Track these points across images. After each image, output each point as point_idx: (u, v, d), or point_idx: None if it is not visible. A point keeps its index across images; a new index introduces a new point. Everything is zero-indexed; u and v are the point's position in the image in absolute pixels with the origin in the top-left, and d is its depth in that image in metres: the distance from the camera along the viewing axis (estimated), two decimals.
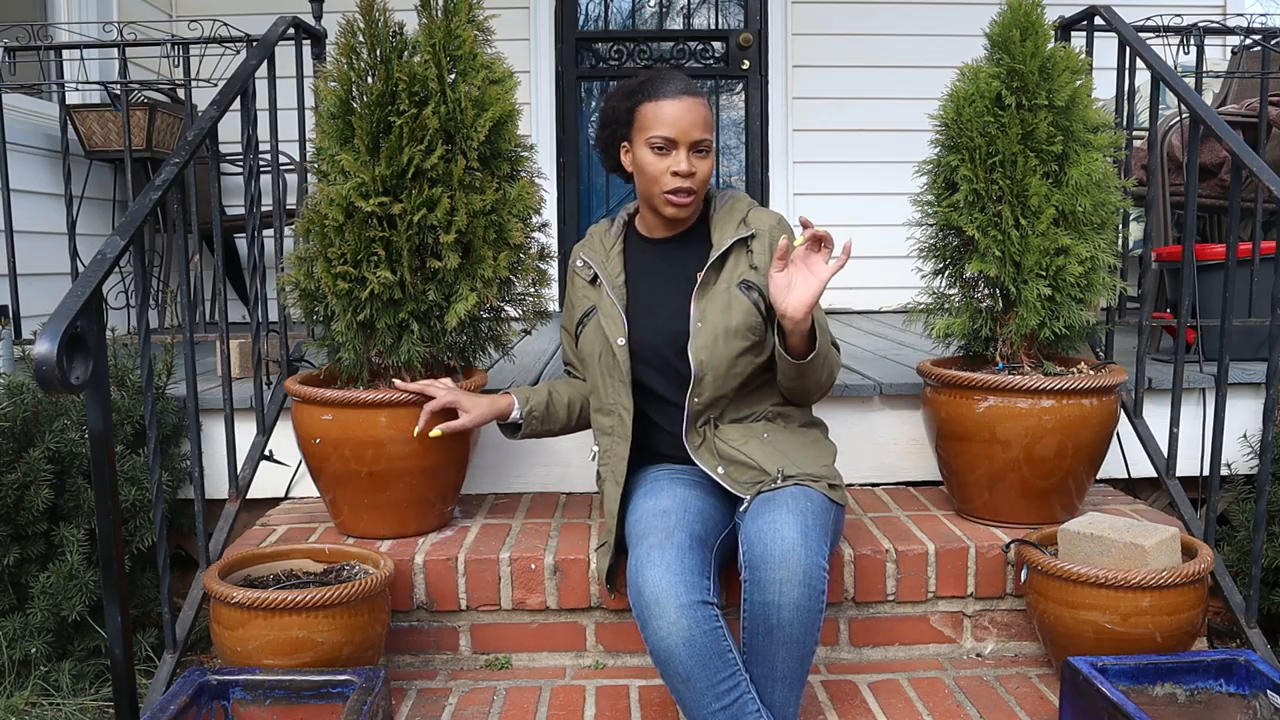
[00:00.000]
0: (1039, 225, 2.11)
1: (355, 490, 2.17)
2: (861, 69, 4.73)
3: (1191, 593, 1.90)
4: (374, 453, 2.12)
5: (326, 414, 2.13)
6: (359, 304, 2.11)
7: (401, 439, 2.11)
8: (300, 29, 2.56)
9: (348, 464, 2.13)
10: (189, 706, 1.69)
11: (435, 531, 2.27)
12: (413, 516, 2.22)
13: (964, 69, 2.22)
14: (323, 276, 2.10)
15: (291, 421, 2.23)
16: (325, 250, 2.09)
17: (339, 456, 2.13)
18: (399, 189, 2.07)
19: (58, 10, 3.83)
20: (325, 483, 2.21)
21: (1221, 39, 3.69)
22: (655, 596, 1.61)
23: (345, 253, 2.08)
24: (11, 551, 2.15)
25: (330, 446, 2.13)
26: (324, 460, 2.16)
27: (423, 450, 2.13)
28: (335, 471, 2.16)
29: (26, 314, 3.01)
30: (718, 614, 1.64)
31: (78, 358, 1.52)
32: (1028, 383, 2.12)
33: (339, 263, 2.09)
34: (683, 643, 1.59)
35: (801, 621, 1.63)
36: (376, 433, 2.11)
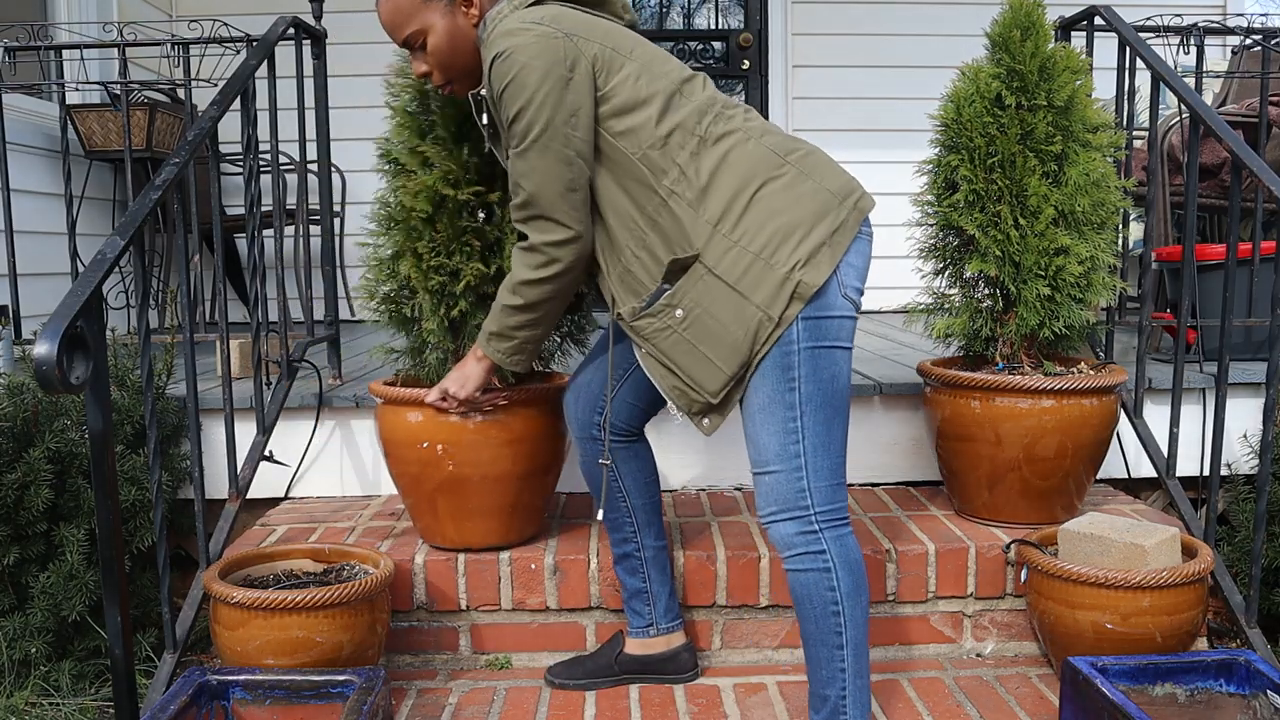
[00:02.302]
0: (1038, 225, 2.12)
1: (472, 497, 2.09)
2: (861, 69, 4.73)
3: (1191, 593, 1.90)
4: (502, 454, 2.06)
5: (453, 415, 2.03)
6: (452, 299, 2.04)
7: (534, 435, 2.08)
8: (300, 29, 2.56)
9: (468, 468, 2.05)
10: (189, 706, 1.69)
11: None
12: (516, 523, 2.17)
13: (964, 69, 2.22)
14: (412, 273, 2.02)
15: (380, 431, 2.13)
16: (414, 245, 2.02)
17: (460, 461, 2.05)
18: (491, 178, 2.02)
19: (58, 10, 3.83)
20: (425, 491, 2.11)
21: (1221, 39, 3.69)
22: None
23: (438, 246, 2.01)
24: (11, 551, 2.15)
25: (450, 450, 2.04)
26: (436, 466, 2.06)
27: (539, 450, 2.09)
28: (448, 478, 2.07)
29: (26, 314, 3.01)
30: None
31: (78, 358, 1.52)
32: (1028, 383, 2.12)
33: (431, 256, 2.01)
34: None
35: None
36: (520, 429, 2.06)
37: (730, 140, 1.61)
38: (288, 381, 2.54)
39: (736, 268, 1.56)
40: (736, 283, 1.56)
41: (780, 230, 1.56)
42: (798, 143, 1.66)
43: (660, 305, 1.63)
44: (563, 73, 1.57)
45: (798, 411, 1.57)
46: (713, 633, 2.16)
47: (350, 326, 4.42)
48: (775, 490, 1.60)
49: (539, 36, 1.57)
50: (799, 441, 1.58)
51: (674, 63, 1.68)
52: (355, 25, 4.42)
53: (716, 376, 1.61)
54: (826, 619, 1.61)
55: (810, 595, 1.62)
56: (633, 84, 1.61)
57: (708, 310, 1.59)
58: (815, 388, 1.57)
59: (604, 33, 1.64)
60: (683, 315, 1.61)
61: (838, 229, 1.58)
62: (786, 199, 1.58)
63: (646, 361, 1.71)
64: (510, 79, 1.57)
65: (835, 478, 1.61)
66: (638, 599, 2.02)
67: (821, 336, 1.57)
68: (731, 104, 1.67)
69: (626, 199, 1.63)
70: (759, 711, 1.94)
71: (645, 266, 1.64)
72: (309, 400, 2.55)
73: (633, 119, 1.60)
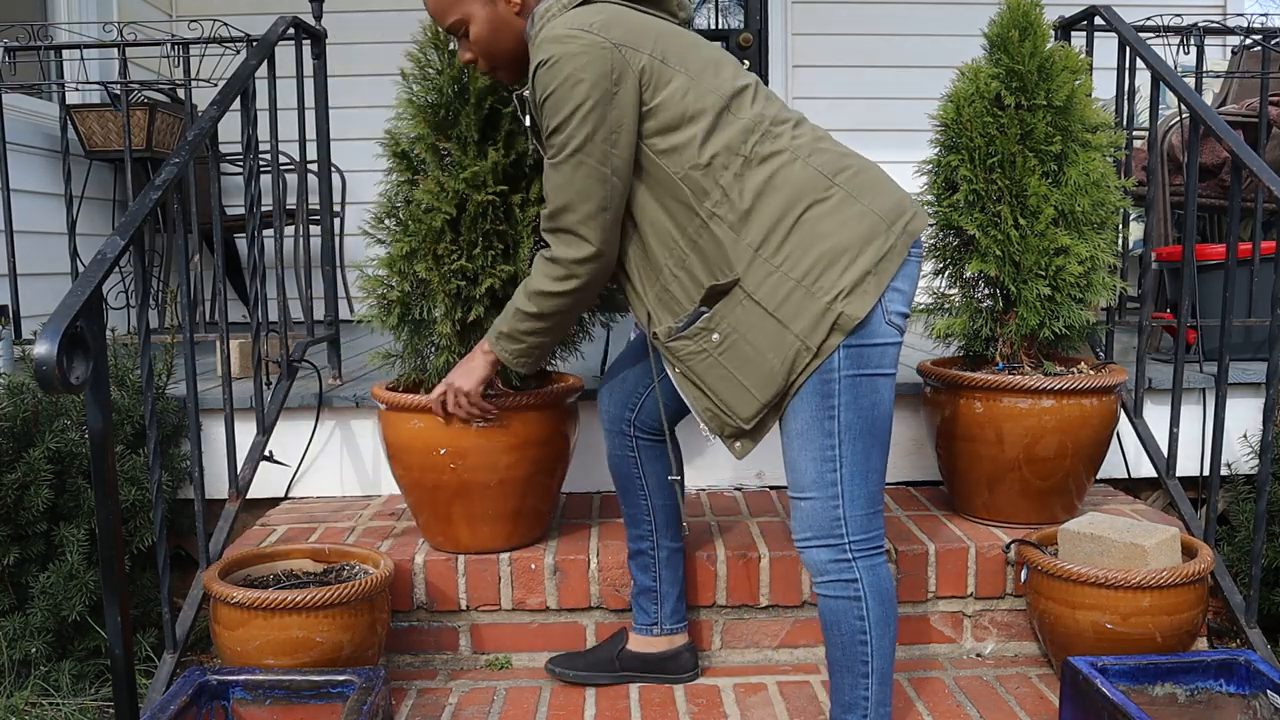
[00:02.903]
0: (1038, 225, 2.12)
1: (480, 501, 2.07)
2: (861, 69, 4.73)
3: (1191, 593, 1.90)
4: (511, 458, 2.04)
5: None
6: (469, 303, 2.01)
7: (541, 439, 2.06)
8: (300, 29, 2.56)
9: (480, 473, 2.03)
10: (189, 706, 1.69)
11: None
12: (521, 527, 2.15)
13: (963, 69, 2.22)
14: (430, 275, 1.98)
15: (384, 436, 2.10)
16: (434, 247, 1.98)
17: (467, 467, 2.02)
18: (514, 177, 1.99)
19: (58, 10, 3.83)
20: (441, 497, 2.07)
21: (1221, 39, 3.69)
22: None
23: (460, 249, 1.97)
24: (11, 551, 2.15)
25: (462, 457, 2.02)
26: (443, 472, 2.03)
27: (545, 454, 2.07)
28: (456, 484, 2.05)
29: (26, 314, 3.01)
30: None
31: (78, 358, 1.52)
32: (1028, 383, 2.12)
33: (451, 259, 1.97)
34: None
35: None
36: (527, 434, 2.04)
37: (776, 161, 1.55)
38: (288, 381, 2.54)
39: (777, 294, 1.52)
40: (776, 310, 1.53)
41: (824, 256, 1.51)
42: (849, 159, 1.60)
43: (697, 329, 1.60)
44: (608, 87, 1.52)
45: (836, 439, 1.54)
46: (713, 633, 2.16)
47: (350, 326, 4.42)
48: (811, 517, 1.58)
49: (586, 46, 1.51)
50: (836, 470, 1.55)
51: (727, 71, 1.61)
52: (355, 25, 4.42)
53: (750, 403, 1.58)
54: (854, 647, 1.60)
55: (839, 622, 1.60)
56: (680, 100, 1.55)
57: (745, 336, 1.56)
58: (855, 416, 1.54)
59: (655, 39, 1.57)
60: (719, 340, 1.58)
61: (884, 256, 1.53)
62: (832, 223, 1.53)
63: (680, 381, 1.67)
64: (553, 89, 1.53)
65: (872, 506, 1.58)
66: (646, 596, 2.02)
67: (863, 364, 1.53)
68: (781, 118, 1.60)
69: (667, 218, 1.59)
70: (759, 711, 1.94)
71: (684, 287, 1.60)
72: (309, 400, 2.55)
73: (677, 137, 1.55)
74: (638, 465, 1.94)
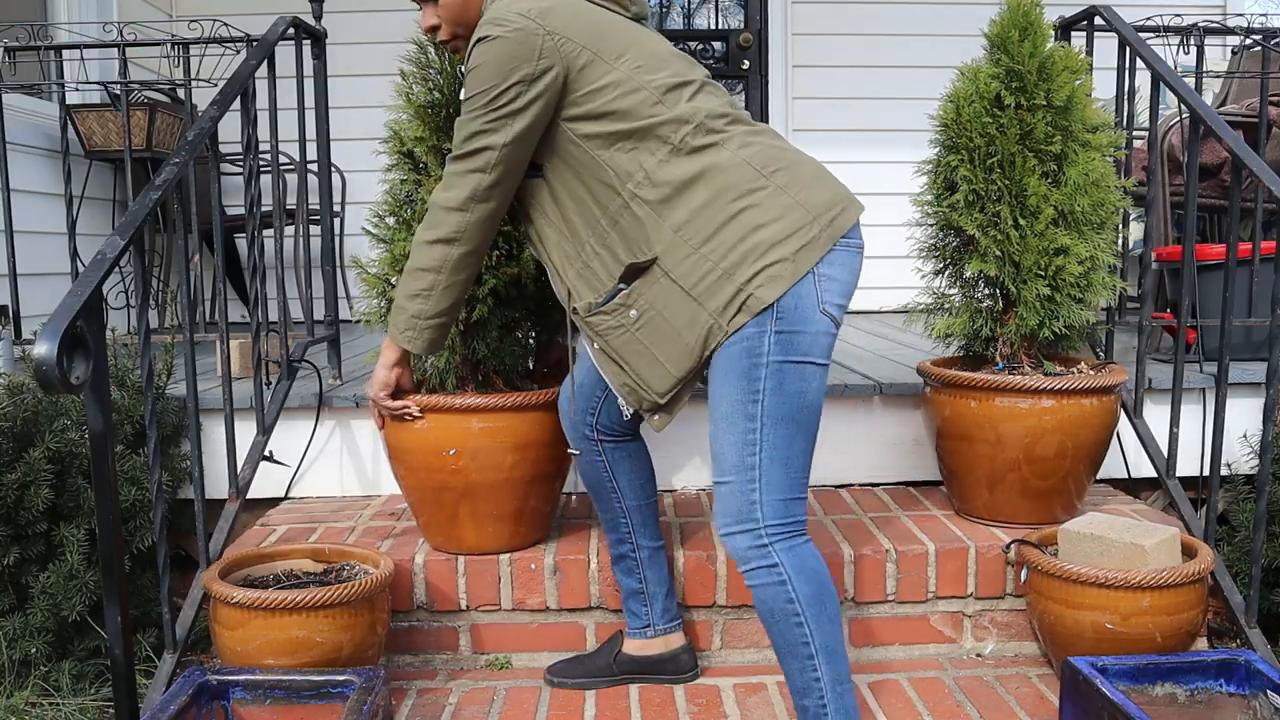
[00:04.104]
0: (1037, 225, 2.12)
1: (484, 501, 2.07)
2: (861, 69, 4.73)
3: (1191, 593, 1.90)
4: (515, 458, 2.04)
5: (473, 421, 2.01)
6: (473, 302, 2.02)
7: (545, 440, 2.06)
8: (300, 29, 2.56)
9: (485, 473, 2.03)
10: (189, 706, 1.68)
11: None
12: (529, 527, 2.15)
13: (963, 69, 2.22)
14: None
15: (385, 438, 2.09)
16: None
17: (478, 467, 2.02)
18: None
19: (58, 10, 3.83)
20: (445, 499, 2.07)
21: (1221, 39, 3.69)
22: None
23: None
24: (11, 551, 2.15)
25: (468, 458, 2.02)
26: (446, 473, 2.03)
27: (545, 455, 2.07)
28: (459, 485, 2.04)
29: (26, 314, 3.01)
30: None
31: (78, 358, 1.52)
32: (1028, 383, 2.12)
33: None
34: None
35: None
36: (530, 434, 2.05)
37: (708, 155, 1.59)
38: (288, 381, 2.54)
39: (694, 274, 1.57)
40: (692, 289, 1.57)
41: (745, 243, 1.55)
42: (784, 155, 1.63)
43: (616, 304, 1.64)
44: (529, 71, 1.58)
45: (758, 424, 1.55)
46: (713, 633, 2.16)
47: (350, 326, 4.42)
48: (729, 501, 1.58)
49: (518, 30, 1.58)
50: (756, 454, 1.56)
51: (670, 67, 1.65)
52: (355, 25, 4.42)
53: (665, 378, 1.64)
54: (791, 630, 1.59)
55: (771, 609, 1.59)
56: (609, 93, 1.60)
57: (661, 313, 1.61)
58: (779, 401, 1.55)
59: (594, 33, 1.62)
60: (636, 316, 1.63)
61: (805, 246, 1.55)
62: (757, 215, 1.56)
63: (599, 357, 1.72)
64: (479, 64, 1.60)
65: (790, 492, 1.58)
66: (634, 599, 2.02)
67: (792, 350, 1.55)
68: (719, 113, 1.63)
69: (590, 197, 1.64)
70: (759, 711, 1.94)
71: (605, 264, 1.65)
72: (309, 400, 2.55)
73: (600, 125, 1.61)
74: (606, 469, 1.96)
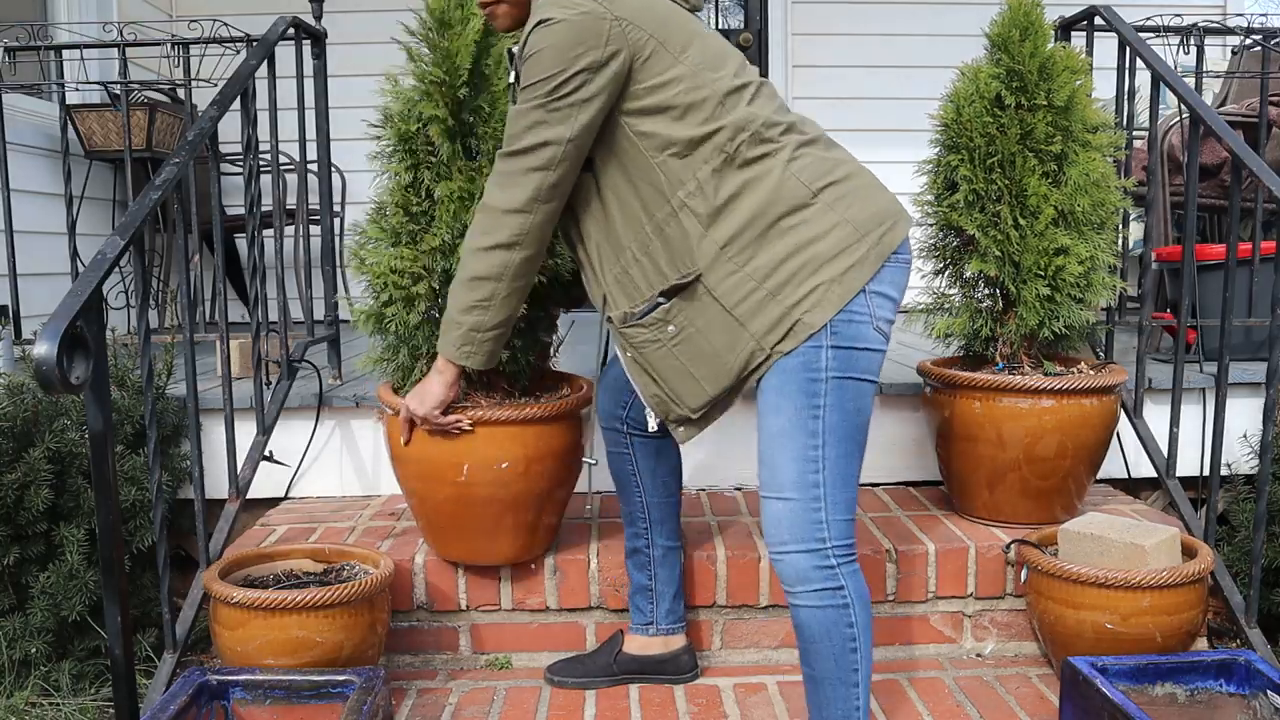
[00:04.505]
0: (1037, 225, 2.12)
1: (527, 511, 1.99)
2: (861, 69, 4.72)
3: (1191, 593, 1.90)
4: (557, 465, 1.98)
5: (529, 432, 1.92)
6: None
7: (552, 454, 1.97)
8: (300, 29, 2.56)
9: (537, 483, 1.96)
10: (189, 706, 1.68)
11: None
12: (539, 539, 2.08)
13: (964, 69, 2.22)
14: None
15: (390, 445, 2.01)
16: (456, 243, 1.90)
17: (530, 477, 1.94)
18: None
19: (58, 10, 3.83)
20: (490, 513, 1.97)
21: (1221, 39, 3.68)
22: None
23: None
24: (11, 551, 2.15)
25: (521, 469, 1.93)
26: (503, 487, 1.93)
27: (558, 467, 1.99)
28: (513, 497, 1.95)
29: (26, 314, 3.01)
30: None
31: (78, 358, 1.52)
32: (1028, 383, 2.12)
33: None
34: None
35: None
36: (568, 440, 1.99)
37: (760, 166, 1.53)
38: (288, 381, 2.54)
39: (737, 293, 1.52)
40: (735, 308, 1.52)
41: (791, 264, 1.50)
42: (838, 168, 1.57)
43: (654, 319, 1.59)
44: (595, 58, 1.49)
45: (820, 440, 1.51)
46: (713, 633, 2.16)
47: (350, 326, 4.42)
48: (789, 520, 1.53)
49: (584, 14, 1.49)
50: (819, 471, 1.51)
51: (728, 66, 1.57)
52: (355, 25, 4.42)
53: (700, 395, 1.60)
54: (845, 656, 1.55)
55: (828, 632, 1.54)
56: (672, 87, 1.52)
57: (701, 331, 1.56)
58: (840, 418, 1.52)
59: (661, 21, 1.54)
60: (675, 332, 1.58)
61: (853, 266, 1.51)
62: (805, 233, 1.51)
63: (630, 367, 1.67)
64: (541, 48, 1.50)
65: (850, 512, 1.55)
66: (641, 595, 2.02)
67: (851, 367, 1.52)
68: (774, 121, 1.56)
69: (637, 201, 1.57)
70: (759, 711, 1.94)
71: (645, 273, 1.58)
72: (309, 400, 2.55)
73: (661, 123, 1.53)
74: (632, 462, 1.96)
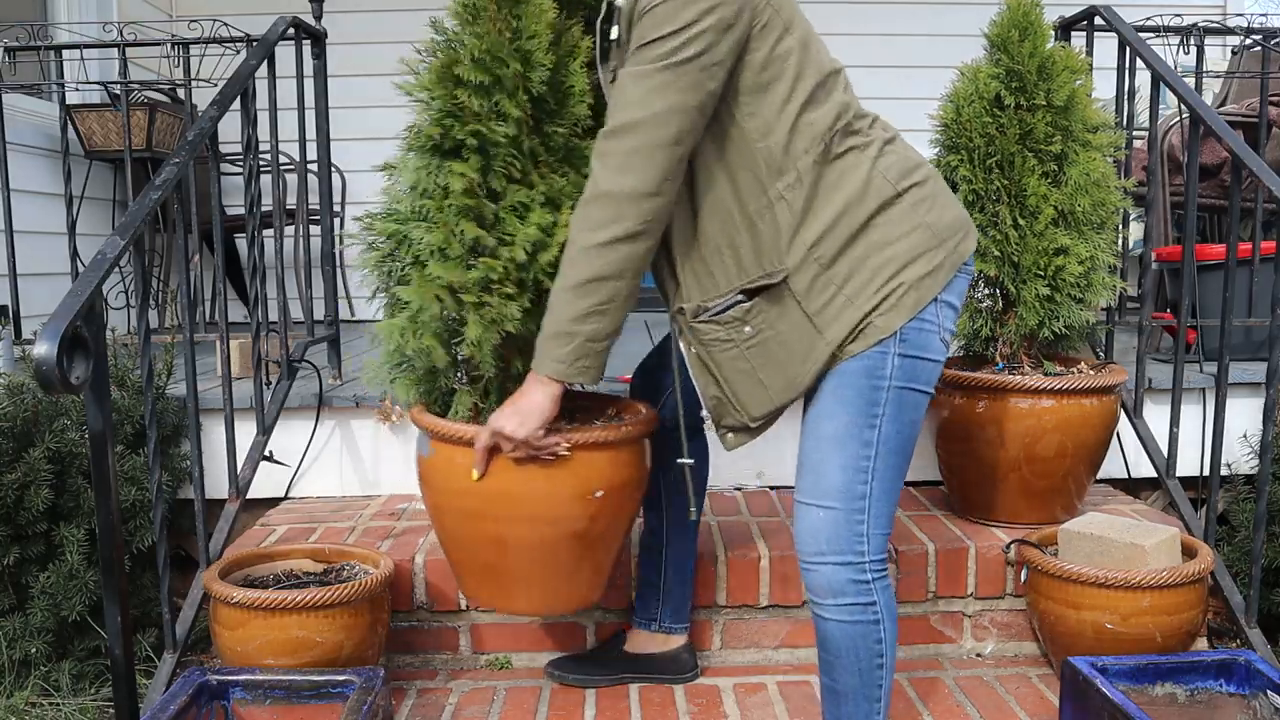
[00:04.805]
0: (1037, 225, 2.12)
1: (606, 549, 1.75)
2: (861, 69, 4.67)
3: (1191, 593, 1.90)
4: (634, 491, 1.75)
5: (622, 453, 1.67)
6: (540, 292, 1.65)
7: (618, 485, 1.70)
8: (300, 29, 2.56)
9: (619, 510, 1.71)
10: (189, 706, 1.68)
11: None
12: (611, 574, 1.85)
13: (963, 69, 2.22)
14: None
15: (429, 478, 1.72)
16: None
17: (616, 505, 1.69)
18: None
19: (58, 10, 3.83)
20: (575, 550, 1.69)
21: (1221, 39, 3.68)
22: None
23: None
24: (11, 551, 2.15)
25: (612, 498, 1.67)
26: (594, 520, 1.67)
27: (626, 502, 1.73)
28: (601, 531, 1.69)
29: (26, 314, 3.01)
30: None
31: (78, 358, 1.52)
32: (1027, 382, 2.12)
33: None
34: None
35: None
36: (642, 465, 1.75)
37: (850, 159, 1.45)
38: (288, 381, 2.54)
39: (819, 298, 1.44)
40: (816, 315, 1.44)
41: (871, 266, 1.43)
42: (918, 169, 1.50)
43: (731, 316, 1.47)
44: (726, 15, 1.36)
45: (873, 450, 1.45)
46: (713, 633, 2.16)
47: (350, 326, 4.42)
48: (829, 529, 1.46)
49: None
50: (867, 482, 1.45)
51: (825, 48, 1.48)
52: (355, 25, 4.42)
53: (764, 404, 1.50)
54: (871, 672, 1.50)
55: (856, 648, 1.49)
56: (782, 63, 1.41)
57: (779, 336, 1.46)
58: (896, 429, 1.46)
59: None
60: (751, 333, 1.47)
61: (930, 273, 1.45)
62: (888, 233, 1.44)
63: (694, 364, 1.56)
64: (656, 4, 1.36)
65: (889, 527, 1.50)
66: (649, 590, 2.01)
67: (914, 378, 1.46)
68: (861, 113, 1.50)
69: (730, 189, 1.45)
70: (759, 711, 1.94)
71: (725, 267, 1.47)
72: (309, 400, 2.55)
73: (769, 103, 1.41)
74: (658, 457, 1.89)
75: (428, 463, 1.71)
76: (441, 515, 1.73)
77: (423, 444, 1.73)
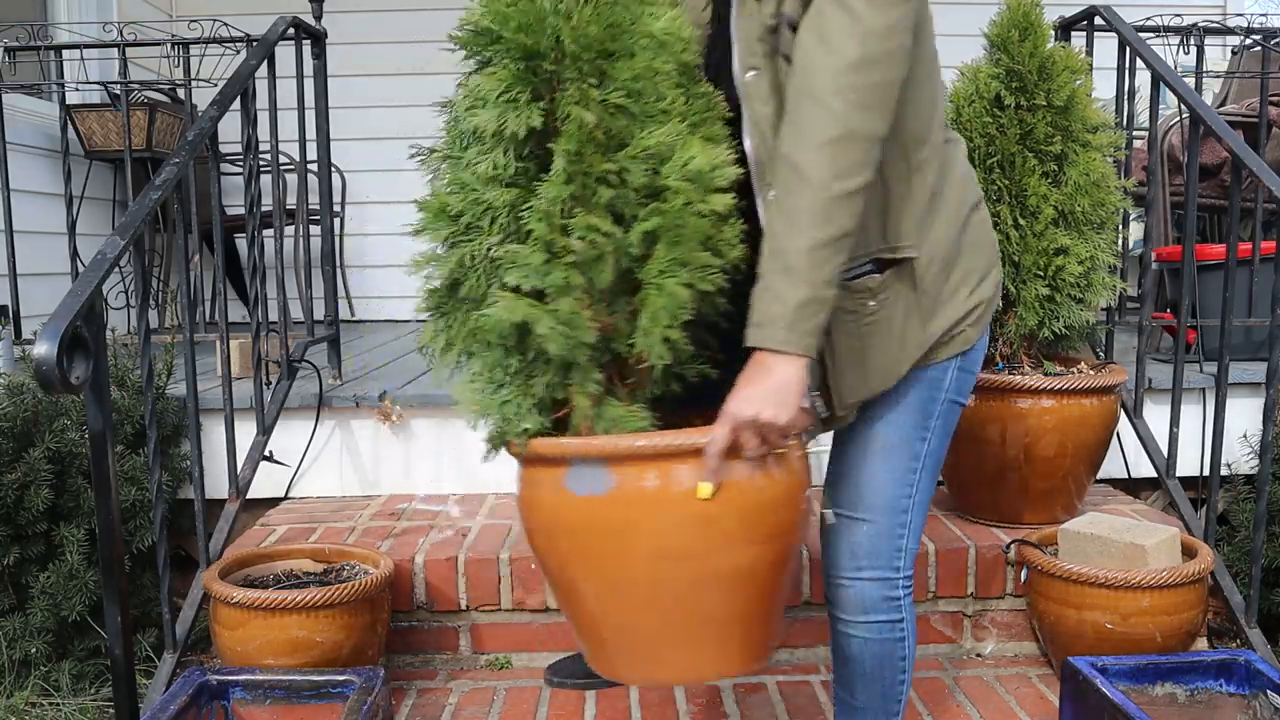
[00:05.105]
0: (1037, 225, 2.12)
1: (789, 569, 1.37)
2: None
3: (1191, 593, 1.90)
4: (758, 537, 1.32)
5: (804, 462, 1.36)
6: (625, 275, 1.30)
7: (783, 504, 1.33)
8: (300, 29, 2.56)
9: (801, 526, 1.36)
10: (189, 706, 1.68)
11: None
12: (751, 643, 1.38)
13: (963, 69, 2.22)
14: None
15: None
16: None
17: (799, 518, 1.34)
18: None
19: (58, 10, 3.83)
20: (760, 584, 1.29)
21: (1221, 39, 3.69)
22: None
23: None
24: (11, 551, 2.15)
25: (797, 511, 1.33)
26: (789, 545, 1.32)
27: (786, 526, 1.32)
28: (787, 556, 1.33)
29: (26, 314, 3.01)
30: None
31: (78, 358, 1.52)
32: (1027, 382, 2.12)
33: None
34: None
35: None
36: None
37: (953, 150, 1.37)
38: (288, 381, 2.54)
39: (935, 288, 1.33)
40: (928, 303, 1.33)
41: (970, 266, 1.36)
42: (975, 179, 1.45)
43: (861, 285, 1.30)
44: None
45: (920, 464, 1.38)
46: None
47: (350, 326, 4.42)
48: (870, 543, 1.38)
49: None
50: (910, 496, 1.38)
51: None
52: (355, 25, 4.41)
53: (858, 390, 1.33)
54: (894, 687, 1.45)
55: (881, 665, 1.42)
56: (928, 21, 1.32)
57: (894, 318, 1.32)
58: (939, 444, 1.40)
59: None
60: (874, 309, 1.31)
61: (998, 285, 1.42)
62: (981, 233, 1.38)
63: None
64: None
65: (918, 543, 1.44)
66: None
67: (962, 392, 1.40)
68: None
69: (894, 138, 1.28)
70: (759, 711, 1.94)
71: (866, 230, 1.28)
72: (309, 400, 2.55)
73: (920, 57, 1.29)
74: None
75: (602, 502, 1.25)
76: (625, 566, 1.27)
77: (583, 480, 1.26)
